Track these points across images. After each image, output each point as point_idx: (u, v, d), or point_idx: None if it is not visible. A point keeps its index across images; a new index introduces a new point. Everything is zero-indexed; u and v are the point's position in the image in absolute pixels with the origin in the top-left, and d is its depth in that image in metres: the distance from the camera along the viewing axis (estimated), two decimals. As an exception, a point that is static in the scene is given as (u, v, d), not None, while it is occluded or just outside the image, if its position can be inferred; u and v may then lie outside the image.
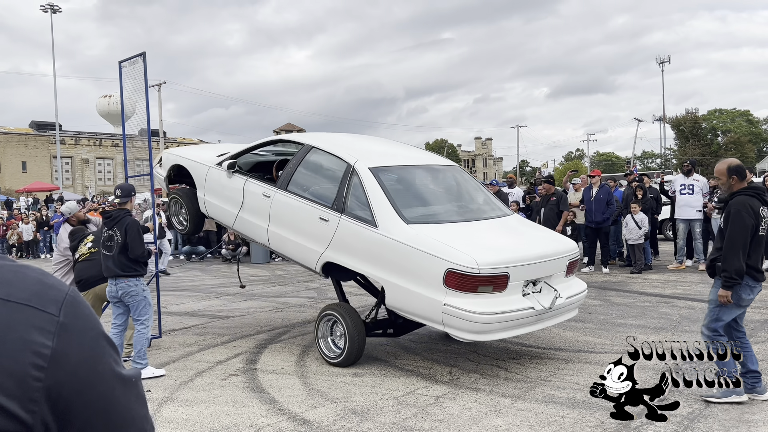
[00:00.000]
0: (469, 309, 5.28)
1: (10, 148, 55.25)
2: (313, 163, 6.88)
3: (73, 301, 0.88)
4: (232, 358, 6.75)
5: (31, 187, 38.15)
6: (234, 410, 5.08)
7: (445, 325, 5.46)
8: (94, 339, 0.88)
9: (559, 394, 5.19)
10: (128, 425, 0.90)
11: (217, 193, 7.64)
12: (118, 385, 0.89)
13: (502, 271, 5.43)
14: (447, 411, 4.87)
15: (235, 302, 10.44)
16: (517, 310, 5.46)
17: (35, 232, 21.85)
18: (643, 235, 12.05)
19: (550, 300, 5.66)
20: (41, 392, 0.80)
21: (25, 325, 0.81)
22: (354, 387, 5.56)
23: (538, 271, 5.75)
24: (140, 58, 7.71)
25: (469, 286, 5.32)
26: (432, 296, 5.44)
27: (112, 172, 64.07)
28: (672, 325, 7.54)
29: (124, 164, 8.38)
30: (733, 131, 57.66)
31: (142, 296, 6.27)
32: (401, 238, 5.67)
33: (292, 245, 6.70)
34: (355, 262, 6.06)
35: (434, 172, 7.07)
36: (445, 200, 6.80)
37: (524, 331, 5.76)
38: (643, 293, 9.84)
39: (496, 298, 5.42)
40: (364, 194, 6.04)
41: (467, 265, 5.29)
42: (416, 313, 5.70)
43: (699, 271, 11.83)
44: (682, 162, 41.16)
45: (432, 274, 5.44)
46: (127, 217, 6.38)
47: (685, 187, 12.31)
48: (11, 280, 0.85)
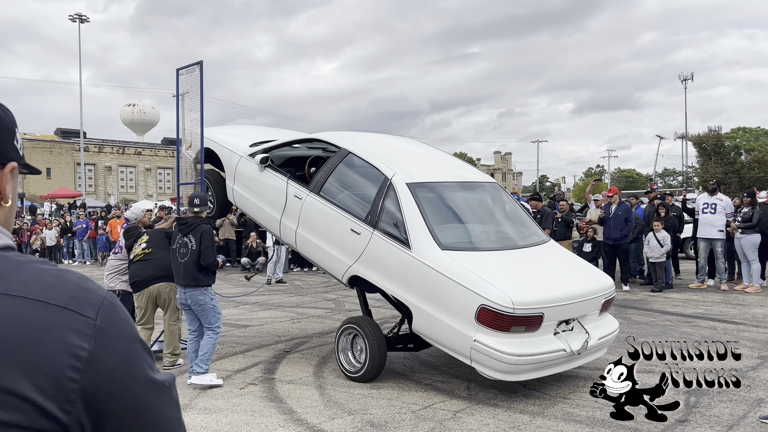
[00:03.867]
0: (499, 349, 5.09)
1: (36, 154, 56.14)
2: (349, 170, 6.71)
3: (110, 306, 0.91)
4: (250, 368, 6.78)
5: (55, 194, 38.68)
6: (252, 419, 5.10)
7: (472, 360, 5.29)
8: (130, 343, 0.91)
9: (579, 412, 5.14)
10: (161, 428, 0.92)
11: (246, 185, 7.51)
12: (152, 389, 0.92)
13: (537, 312, 5.22)
14: (465, 426, 4.85)
15: (254, 311, 10.49)
16: (548, 352, 5.28)
17: (58, 238, 22.14)
18: (664, 253, 11.93)
19: (581, 342, 5.47)
20: (77, 393, 0.83)
21: (63, 327, 0.84)
22: (372, 399, 5.55)
23: (573, 312, 5.56)
24: (197, 66, 7.64)
25: (502, 325, 5.13)
26: (462, 330, 5.28)
27: (134, 180, 64.85)
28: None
29: (177, 171, 8.39)
30: (757, 150, 56.91)
31: (211, 305, 6.25)
32: (435, 264, 5.49)
33: (320, 252, 6.59)
34: (383, 281, 5.93)
35: (473, 189, 6.94)
36: (482, 222, 6.62)
37: (553, 371, 5.56)
38: (664, 312, 9.73)
39: (528, 339, 5.24)
40: (399, 212, 5.88)
41: (502, 304, 5.08)
42: (443, 343, 5.55)
43: (721, 290, 11.68)
44: (704, 180, 40.69)
45: (464, 308, 5.27)
46: (202, 225, 6.36)
47: (708, 205, 12.17)
48: (51, 283, 0.89)
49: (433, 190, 6.29)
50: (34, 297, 0.85)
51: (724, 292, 11.54)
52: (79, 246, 21.70)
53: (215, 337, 6.22)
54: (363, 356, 6.03)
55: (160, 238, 7.07)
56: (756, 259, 11.58)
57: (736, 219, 11.83)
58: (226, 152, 7.87)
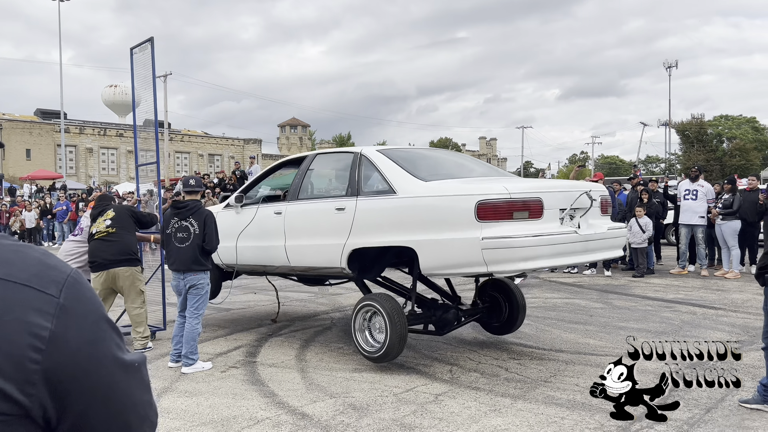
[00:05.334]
0: (509, 234, 5.11)
1: (15, 135, 55.31)
2: (320, 167, 6.92)
3: (74, 283, 0.86)
4: (232, 351, 6.75)
5: (35, 175, 38.18)
6: (233, 402, 5.08)
7: (487, 263, 5.17)
8: (95, 322, 0.86)
9: (560, 395, 5.17)
10: (129, 411, 0.88)
11: (228, 234, 7.12)
12: (119, 370, 0.87)
13: (534, 196, 5.35)
14: (446, 409, 4.86)
15: (236, 295, 10.43)
16: (559, 233, 5.35)
17: (38, 220, 21.88)
18: (646, 239, 12.03)
19: (590, 230, 5.65)
20: (39, 375, 0.78)
21: (23, 306, 0.79)
22: (354, 382, 5.55)
23: (571, 200, 5.64)
24: (148, 44, 7.41)
25: (504, 213, 5.18)
26: (468, 236, 5.23)
27: (116, 162, 64.16)
28: (673, 329, 7.52)
29: (135, 153, 8.30)
30: (739, 138, 57.56)
31: (206, 290, 6.18)
32: (424, 192, 5.61)
33: (313, 250, 6.41)
34: (381, 238, 5.87)
35: (440, 153, 7.48)
36: (456, 170, 6.65)
37: (573, 260, 5.69)
38: (645, 297, 9.82)
39: (535, 224, 5.30)
40: (377, 171, 6.05)
41: (498, 192, 5.21)
42: (456, 262, 5.44)
43: (701, 276, 11.81)
44: (687, 167, 41.04)
45: (463, 213, 5.29)
46: (204, 209, 6.24)
47: (689, 192, 12.28)
48: (12, 259, 0.83)
49: (402, 153, 6.53)
50: None
51: (705, 278, 11.67)
52: (59, 228, 21.47)
53: (198, 326, 6.13)
54: (383, 335, 5.81)
55: (126, 217, 6.77)
56: (736, 246, 11.72)
57: (716, 205, 11.95)
58: None
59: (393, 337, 5.70)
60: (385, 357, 5.83)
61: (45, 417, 0.80)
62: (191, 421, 4.67)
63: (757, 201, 11.69)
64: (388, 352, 5.76)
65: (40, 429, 0.80)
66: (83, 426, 0.84)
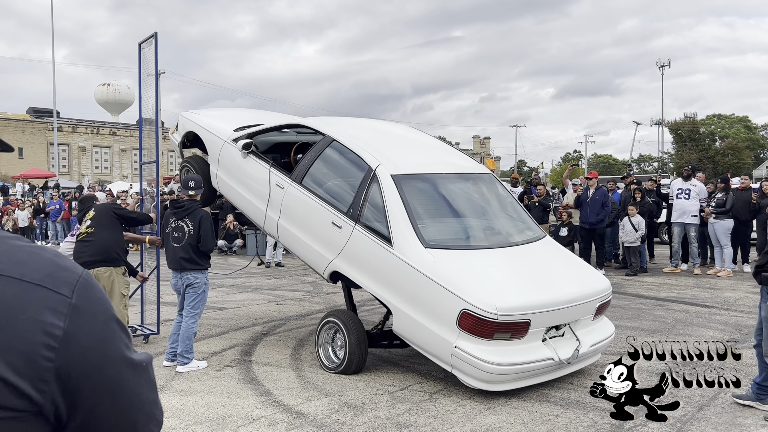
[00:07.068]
0: (481, 357, 4.80)
1: (7, 134, 54.99)
2: (332, 159, 6.39)
3: (86, 284, 0.89)
4: (227, 350, 6.75)
5: (28, 174, 37.98)
6: (228, 401, 5.09)
7: (453, 367, 5.00)
8: (105, 322, 0.89)
9: (553, 393, 5.20)
10: (136, 409, 0.91)
11: (229, 171, 7.22)
12: (128, 369, 0.90)
13: (523, 318, 4.90)
14: (441, 407, 4.88)
15: (231, 294, 10.44)
16: (534, 361, 4.97)
17: (31, 219, 21.78)
18: (639, 237, 12.08)
19: (571, 350, 5.17)
20: (51, 372, 0.81)
21: (37, 305, 0.82)
22: (349, 381, 5.56)
23: (563, 317, 5.23)
24: (152, 39, 7.31)
25: (485, 332, 4.82)
26: (442, 335, 4.98)
27: (108, 161, 63.89)
28: (666, 328, 7.57)
29: (140, 151, 8.26)
30: (731, 137, 57.82)
31: (203, 290, 6.16)
32: (417, 264, 5.19)
33: (302, 245, 6.33)
34: (364, 279, 5.64)
35: (463, 181, 6.54)
36: (471, 216, 6.27)
37: (539, 380, 5.23)
38: (638, 296, 9.87)
39: (513, 347, 4.94)
40: (383, 205, 5.57)
41: (486, 309, 4.77)
42: (424, 347, 5.26)
43: (694, 275, 11.88)
44: (679, 166, 41.20)
45: (445, 312, 4.97)
46: (200, 210, 6.20)
47: (682, 191, 12.34)
48: (26, 260, 0.86)
49: (420, 182, 5.98)
50: (8, 274, 0.83)
51: (697, 277, 11.74)
52: (52, 227, 21.37)
53: (195, 325, 6.13)
54: (342, 353, 5.75)
55: (106, 215, 6.57)
56: (728, 244, 11.79)
57: (709, 204, 12.02)
58: (210, 137, 7.55)
59: (352, 357, 5.65)
60: (344, 373, 5.73)
61: (56, 414, 0.82)
62: (187, 420, 4.68)
63: (750, 200, 11.77)
64: (346, 369, 5.71)
65: (50, 426, 0.82)
66: (92, 423, 0.86)
